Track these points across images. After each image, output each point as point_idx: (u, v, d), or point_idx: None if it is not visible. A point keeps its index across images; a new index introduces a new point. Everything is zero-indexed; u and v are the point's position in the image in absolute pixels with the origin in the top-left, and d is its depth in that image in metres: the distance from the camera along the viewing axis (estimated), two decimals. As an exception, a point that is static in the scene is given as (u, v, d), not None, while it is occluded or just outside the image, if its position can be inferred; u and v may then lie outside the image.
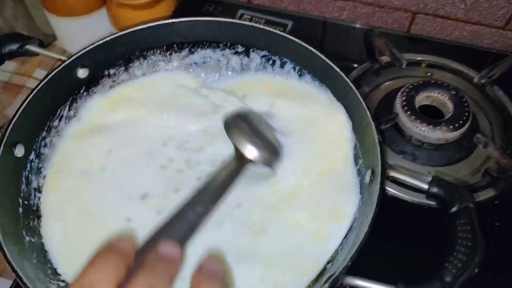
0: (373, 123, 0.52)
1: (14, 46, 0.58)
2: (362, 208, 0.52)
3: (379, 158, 0.50)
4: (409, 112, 0.69)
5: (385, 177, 0.49)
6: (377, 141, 0.51)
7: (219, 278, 0.32)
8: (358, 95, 0.55)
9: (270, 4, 0.92)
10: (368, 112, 0.53)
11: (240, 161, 0.45)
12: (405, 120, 0.69)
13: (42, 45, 0.60)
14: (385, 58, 0.77)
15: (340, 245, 0.51)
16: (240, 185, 0.43)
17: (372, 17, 0.89)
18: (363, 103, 0.54)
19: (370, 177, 0.52)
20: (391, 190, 0.66)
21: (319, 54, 0.59)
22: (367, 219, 0.47)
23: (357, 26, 0.89)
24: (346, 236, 0.52)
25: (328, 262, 0.50)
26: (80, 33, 0.93)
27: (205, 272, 0.32)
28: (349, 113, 0.59)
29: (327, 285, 0.42)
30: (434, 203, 0.61)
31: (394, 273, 0.44)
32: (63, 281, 0.50)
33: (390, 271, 0.45)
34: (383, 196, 0.49)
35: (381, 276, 0.44)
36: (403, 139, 0.70)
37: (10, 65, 0.98)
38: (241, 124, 0.49)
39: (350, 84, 0.56)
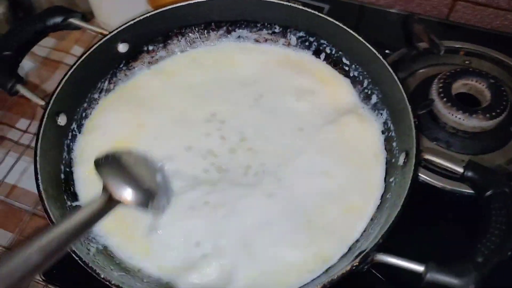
0: (409, 106, 0.52)
1: (58, 19, 0.60)
2: (394, 189, 0.52)
3: (414, 140, 0.50)
4: (445, 99, 0.68)
5: (419, 159, 0.49)
6: (413, 124, 0.51)
7: None
8: (396, 77, 0.54)
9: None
10: (404, 95, 0.53)
11: (109, 200, 0.44)
12: (441, 107, 0.68)
13: (84, 19, 0.62)
14: (422, 45, 0.76)
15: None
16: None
17: (410, 3, 0.88)
18: (400, 85, 0.54)
19: (404, 159, 0.52)
20: (423, 176, 0.66)
21: (358, 36, 0.59)
22: (399, 199, 0.47)
23: (394, 11, 0.88)
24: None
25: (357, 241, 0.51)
26: (117, 11, 0.95)
27: None
28: (385, 96, 0.59)
29: (358, 260, 0.43)
30: (466, 191, 0.62)
31: (425, 252, 0.44)
32: (102, 245, 0.52)
33: (421, 250, 0.45)
34: (415, 181, 0.49)
35: (411, 255, 0.44)
36: (438, 126, 0.70)
37: (49, 41, 1.01)
38: (113, 164, 0.47)
39: (388, 66, 0.56)
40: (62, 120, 0.56)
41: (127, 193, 0.44)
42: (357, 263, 0.43)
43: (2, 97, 0.91)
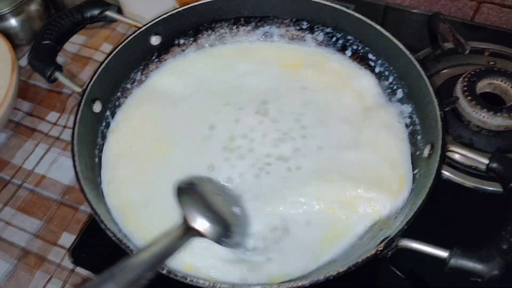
0: (435, 100, 0.53)
1: (95, 12, 0.62)
2: (419, 180, 0.53)
3: (440, 132, 0.50)
4: (469, 97, 0.68)
5: (445, 151, 0.50)
6: (439, 117, 0.52)
7: None
8: (422, 72, 0.55)
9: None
10: (431, 89, 0.54)
11: (187, 231, 0.43)
12: (465, 105, 0.69)
13: (120, 12, 0.64)
14: (447, 45, 0.77)
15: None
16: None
17: (435, 4, 0.89)
18: (427, 80, 0.55)
19: (429, 151, 0.53)
20: (446, 173, 0.66)
21: (385, 32, 0.60)
22: (424, 189, 0.48)
23: (419, 12, 0.89)
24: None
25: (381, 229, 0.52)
26: (146, 8, 0.97)
27: None
28: (411, 91, 0.60)
29: (382, 245, 0.44)
30: (489, 188, 0.63)
31: (447, 242, 0.45)
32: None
33: (444, 240, 0.45)
34: (440, 173, 0.50)
35: (436, 241, 0.45)
36: (461, 124, 0.70)
37: (79, 38, 1.04)
38: (194, 192, 0.46)
39: (414, 61, 0.57)
40: (97, 107, 0.58)
41: (205, 225, 0.43)
42: (381, 248, 0.44)
43: (34, 90, 0.95)
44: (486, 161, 0.51)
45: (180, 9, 0.63)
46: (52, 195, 0.81)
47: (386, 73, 0.65)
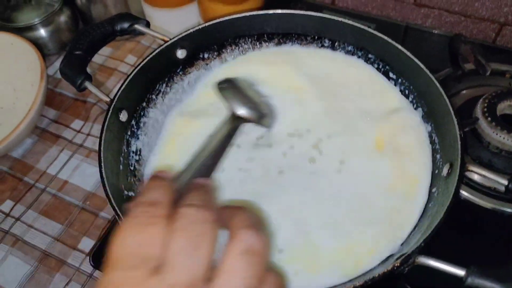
0: (455, 119, 0.54)
1: (125, 25, 0.65)
2: (437, 198, 0.53)
3: (459, 152, 0.51)
4: (489, 118, 0.69)
5: (464, 170, 0.50)
6: (458, 136, 0.52)
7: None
8: (442, 91, 0.56)
9: (354, 7, 0.95)
10: (450, 108, 0.55)
11: (235, 121, 0.46)
12: (485, 126, 0.69)
13: (148, 26, 0.67)
14: (468, 66, 0.77)
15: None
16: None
17: (457, 26, 0.89)
18: (447, 99, 0.55)
19: (448, 170, 0.54)
20: (465, 193, 0.67)
21: (406, 51, 0.61)
22: (442, 207, 0.48)
23: (439, 32, 0.90)
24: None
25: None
26: (171, 23, 1.00)
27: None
28: (431, 110, 0.61)
29: (399, 261, 0.44)
30: (508, 210, 0.62)
31: (467, 257, 0.45)
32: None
33: (461, 258, 0.46)
34: (459, 192, 0.50)
35: (453, 259, 0.45)
36: (481, 145, 0.70)
37: (106, 50, 1.07)
38: (233, 87, 0.51)
39: (434, 80, 0.57)
40: (123, 116, 0.60)
41: (248, 112, 0.48)
42: (398, 264, 0.44)
43: (60, 99, 0.98)
44: (505, 182, 0.51)
45: (206, 24, 0.65)
46: (73, 200, 0.83)
47: (406, 91, 0.65)
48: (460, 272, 0.44)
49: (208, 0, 0.94)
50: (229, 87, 0.51)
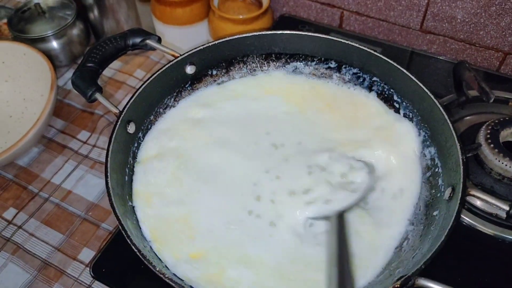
0: (458, 144, 0.54)
1: (137, 39, 0.66)
2: (439, 221, 0.54)
3: (461, 176, 0.51)
4: (492, 145, 0.69)
5: (465, 194, 0.51)
6: (461, 160, 0.53)
7: None
8: (446, 116, 0.57)
9: (361, 31, 0.97)
10: (453, 133, 0.55)
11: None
12: (487, 153, 0.69)
13: (159, 41, 0.68)
14: (472, 92, 0.78)
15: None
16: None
17: (461, 53, 0.91)
18: (450, 124, 0.56)
19: (450, 194, 0.54)
20: (466, 218, 0.67)
21: (411, 76, 0.62)
22: (443, 230, 0.48)
23: (444, 59, 0.91)
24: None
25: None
26: (181, 40, 1.02)
27: None
28: (434, 134, 0.61)
29: (399, 282, 0.44)
30: (508, 237, 0.62)
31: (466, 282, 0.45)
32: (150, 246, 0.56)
33: (463, 279, 0.46)
34: (460, 216, 0.50)
35: (453, 283, 0.45)
36: (483, 171, 0.71)
37: (115, 63, 1.09)
38: None
39: (438, 105, 0.58)
40: (131, 128, 0.61)
41: None
42: (398, 285, 0.44)
43: (68, 110, 0.99)
44: (506, 207, 0.52)
45: (216, 42, 0.67)
46: (76, 210, 0.83)
47: (410, 115, 0.66)
48: (459, 296, 0.44)
49: (218, 19, 0.96)
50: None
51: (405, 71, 0.62)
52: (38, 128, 0.84)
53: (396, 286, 0.44)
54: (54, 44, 1.01)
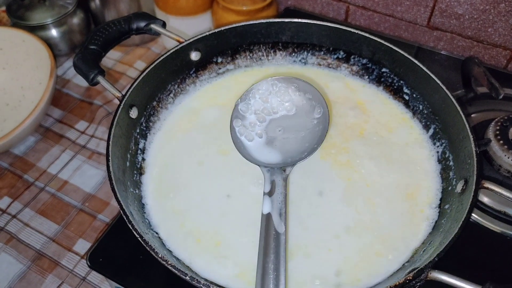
0: (471, 136, 0.53)
1: (141, 24, 0.64)
2: (450, 215, 0.52)
3: (475, 168, 0.50)
4: (501, 142, 0.68)
5: (479, 187, 0.49)
6: (474, 152, 0.52)
7: None
8: (458, 107, 0.55)
9: (366, 26, 0.96)
10: (467, 124, 0.54)
11: None
12: (497, 149, 0.68)
13: (164, 26, 0.66)
14: (480, 89, 0.77)
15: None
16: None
17: (468, 51, 0.90)
18: (463, 115, 0.55)
19: (463, 186, 0.52)
20: (475, 216, 0.65)
21: (422, 66, 0.61)
22: (457, 223, 0.47)
23: (451, 55, 0.90)
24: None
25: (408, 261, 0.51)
26: (183, 31, 1.01)
27: None
28: (445, 126, 0.60)
29: (412, 274, 0.43)
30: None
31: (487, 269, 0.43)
32: (156, 232, 0.54)
33: (479, 271, 0.44)
34: (471, 212, 0.49)
35: (468, 275, 0.44)
36: (491, 168, 0.69)
37: (115, 54, 1.07)
38: None
39: (451, 96, 0.57)
40: (133, 113, 0.59)
41: None
42: (410, 277, 0.43)
43: (67, 99, 0.97)
44: (521, 200, 0.50)
45: (222, 28, 0.65)
46: (72, 201, 0.81)
47: (420, 107, 0.65)
48: (474, 289, 0.42)
49: (222, 10, 0.95)
50: None
51: (416, 62, 0.61)
52: (35, 116, 0.82)
53: (408, 278, 0.43)
54: (54, 32, 0.99)
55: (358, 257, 0.52)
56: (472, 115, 0.78)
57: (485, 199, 0.67)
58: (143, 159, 0.61)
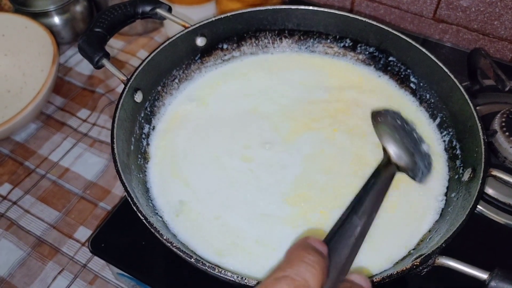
0: (479, 124, 0.53)
1: (147, 8, 0.64)
2: (457, 203, 0.52)
3: (483, 156, 0.50)
4: (507, 133, 0.68)
5: (487, 174, 0.49)
6: (482, 140, 0.51)
7: None
8: (466, 96, 0.55)
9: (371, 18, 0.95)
10: (475, 112, 0.53)
11: (390, 168, 0.41)
12: (502, 141, 0.68)
13: (170, 11, 0.66)
14: (487, 81, 0.76)
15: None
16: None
17: (473, 44, 0.89)
18: (471, 104, 0.54)
19: (470, 174, 0.52)
20: (479, 207, 0.65)
21: (430, 55, 0.60)
22: (464, 210, 0.47)
23: (456, 47, 0.89)
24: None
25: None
26: (184, 16, 1.00)
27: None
28: (453, 115, 0.60)
29: (419, 260, 0.42)
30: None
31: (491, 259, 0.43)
32: (161, 216, 0.53)
33: (487, 257, 0.44)
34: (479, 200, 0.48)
35: (476, 261, 0.43)
36: (497, 160, 0.69)
37: (118, 43, 1.06)
38: (391, 124, 0.43)
39: (458, 84, 0.56)
40: (138, 97, 0.58)
41: (405, 161, 0.41)
42: (418, 262, 0.42)
43: (69, 87, 0.96)
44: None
45: (228, 14, 0.65)
46: (73, 188, 0.81)
47: (427, 96, 0.64)
48: (482, 275, 0.42)
49: (226, 0, 0.94)
50: (388, 123, 0.43)
51: (425, 50, 0.61)
52: (37, 103, 0.81)
53: (415, 263, 0.42)
54: (56, 20, 0.98)
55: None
56: (478, 108, 0.77)
57: (490, 191, 0.66)
58: (148, 144, 0.60)
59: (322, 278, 0.27)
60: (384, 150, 0.42)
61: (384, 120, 0.43)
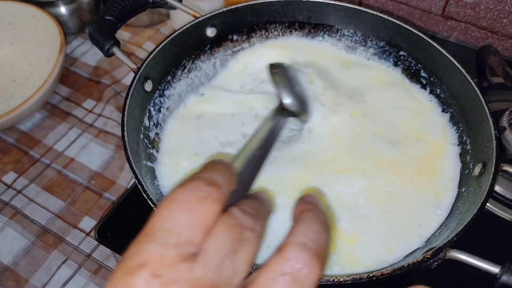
0: (490, 119, 0.52)
1: (158, -3, 0.64)
2: (467, 197, 0.52)
3: (494, 150, 0.49)
4: (515, 130, 0.67)
5: (498, 169, 0.49)
6: (493, 135, 0.51)
7: (321, 207, 0.30)
8: (478, 91, 0.55)
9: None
10: (486, 107, 0.53)
11: (282, 112, 0.46)
12: (510, 138, 0.67)
13: (180, 0, 0.65)
14: (495, 79, 0.76)
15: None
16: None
17: (482, 41, 0.89)
18: (482, 98, 0.54)
19: (481, 169, 0.52)
20: (487, 204, 0.65)
21: (441, 49, 0.60)
22: (475, 204, 0.46)
23: (465, 45, 0.89)
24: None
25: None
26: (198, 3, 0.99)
27: (308, 200, 0.30)
28: (463, 110, 0.59)
29: (430, 253, 0.42)
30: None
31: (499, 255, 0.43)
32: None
33: (495, 253, 0.44)
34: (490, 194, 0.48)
35: (488, 255, 0.43)
36: (504, 157, 0.69)
37: (124, 34, 1.06)
38: (285, 75, 0.51)
39: (469, 79, 0.56)
40: (148, 86, 0.58)
41: (294, 104, 0.48)
42: (429, 255, 0.42)
43: (74, 77, 0.96)
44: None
45: (239, 5, 0.64)
46: (78, 178, 0.80)
47: (438, 91, 0.64)
48: (494, 269, 0.42)
49: (234, -7, 0.94)
50: (282, 74, 0.51)
51: (435, 44, 0.60)
52: (43, 92, 0.81)
53: (427, 256, 0.42)
54: (63, 9, 0.98)
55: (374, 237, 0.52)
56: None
57: (497, 188, 0.66)
58: (157, 133, 0.60)
59: (231, 184, 0.29)
60: (279, 97, 0.48)
61: (279, 71, 0.51)
